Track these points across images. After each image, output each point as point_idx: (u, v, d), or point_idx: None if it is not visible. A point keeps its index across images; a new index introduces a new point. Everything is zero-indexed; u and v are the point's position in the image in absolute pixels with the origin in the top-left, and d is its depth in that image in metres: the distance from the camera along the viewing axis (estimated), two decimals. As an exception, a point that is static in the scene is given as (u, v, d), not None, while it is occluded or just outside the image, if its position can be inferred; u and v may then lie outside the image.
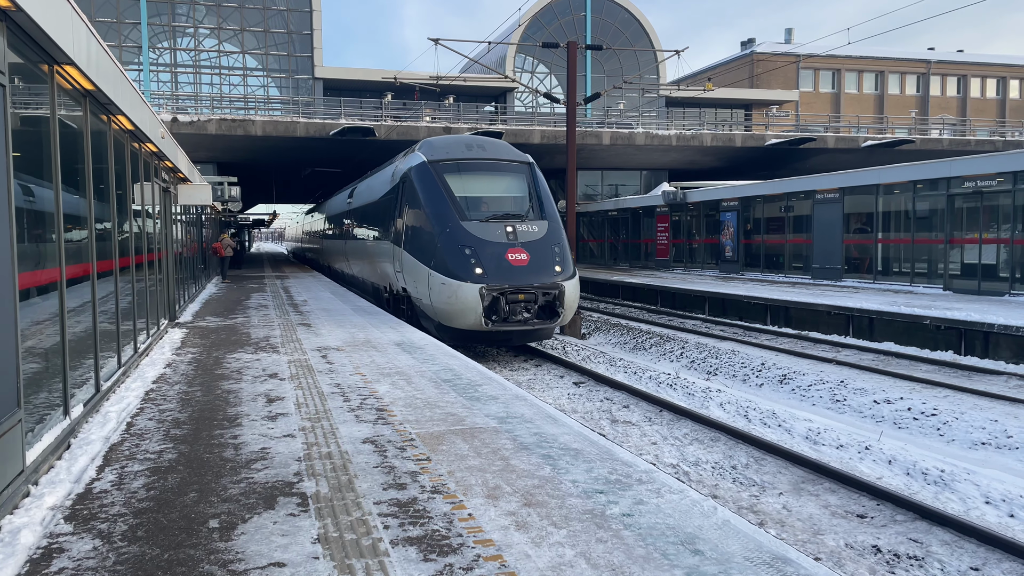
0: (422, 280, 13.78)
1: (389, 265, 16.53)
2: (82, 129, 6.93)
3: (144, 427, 6.47)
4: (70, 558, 3.84)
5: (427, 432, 6.17)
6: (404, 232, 14.93)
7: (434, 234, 13.65)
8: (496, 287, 12.80)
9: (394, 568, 3.68)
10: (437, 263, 13.30)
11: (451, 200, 13.97)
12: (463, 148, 15.18)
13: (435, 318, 13.65)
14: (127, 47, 43.19)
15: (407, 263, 14.68)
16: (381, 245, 17.58)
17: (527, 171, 15.19)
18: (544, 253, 13.44)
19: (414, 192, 14.67)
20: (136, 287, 9.95)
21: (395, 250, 15.70)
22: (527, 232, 13.68)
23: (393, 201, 16.38)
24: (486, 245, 13.20)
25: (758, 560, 3.74)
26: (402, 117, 36.92)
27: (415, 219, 14.46)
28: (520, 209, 14.42)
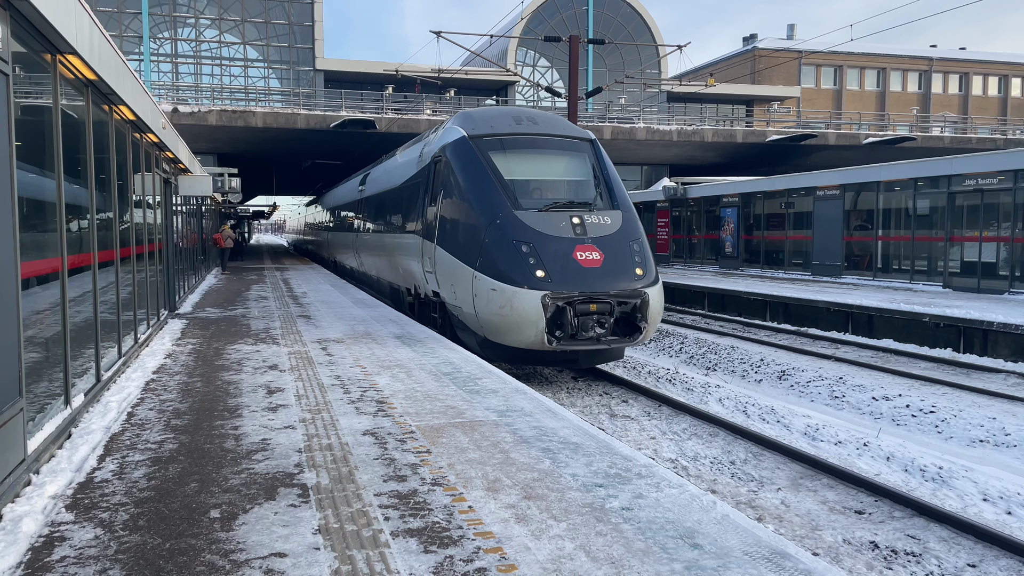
0: (463, 284, 10.98)
1: (415, 263, 13.74)
2: (84, 119, 6.93)
3: (145, 417, 6.48)
4: (72, 547, 3.86)
5: (427, 425, 6.19)
6: (437, 224, 12.16)
7: (479, 226, 10.89)
8: (562, 295, 10.06)
9: (395, 559, 3.70)
10: (484, 263, 10.59)
11: (500, 184, 11.18)
12: (510, 121, 12.38)
13: (480, 332, 11.00)
14: (128, 37, 43.10)
15: (442, 262, 11.89)
16: (404, 240, 14.74)
17: (589, 149, 12.46)
18: (620, 251, 10.70)
19: (451, 174, 11.94)
20: (136, 277, 9.95)
21: (425, 245, 12.88)
22: (597, 225, 10.93)
23: (422, 186, 13.66)
24: (548, 241, 10.49)
25: (757, 555, 3.76)
26: (403, 110, 36.88)
27: (453, 208, 11.76)
28: (585, 196, 11.67)
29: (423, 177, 13.57)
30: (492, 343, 10.85)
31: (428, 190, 13.06)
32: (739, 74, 54.80)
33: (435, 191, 12.63)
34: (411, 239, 14.06)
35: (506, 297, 10.13)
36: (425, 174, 13.45)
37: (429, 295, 13.20)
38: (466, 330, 11.55)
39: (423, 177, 13.57)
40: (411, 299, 15.06)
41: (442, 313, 12.61)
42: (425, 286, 13.29)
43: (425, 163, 13.56)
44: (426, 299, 13.64)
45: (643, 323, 10.48)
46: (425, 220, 12.99)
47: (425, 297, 13.62)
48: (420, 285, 13.77)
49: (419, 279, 13.71)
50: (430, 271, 12.60)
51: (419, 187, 13.84)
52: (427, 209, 12.95)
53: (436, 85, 36.17)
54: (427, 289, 13.20)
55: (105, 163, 7.95)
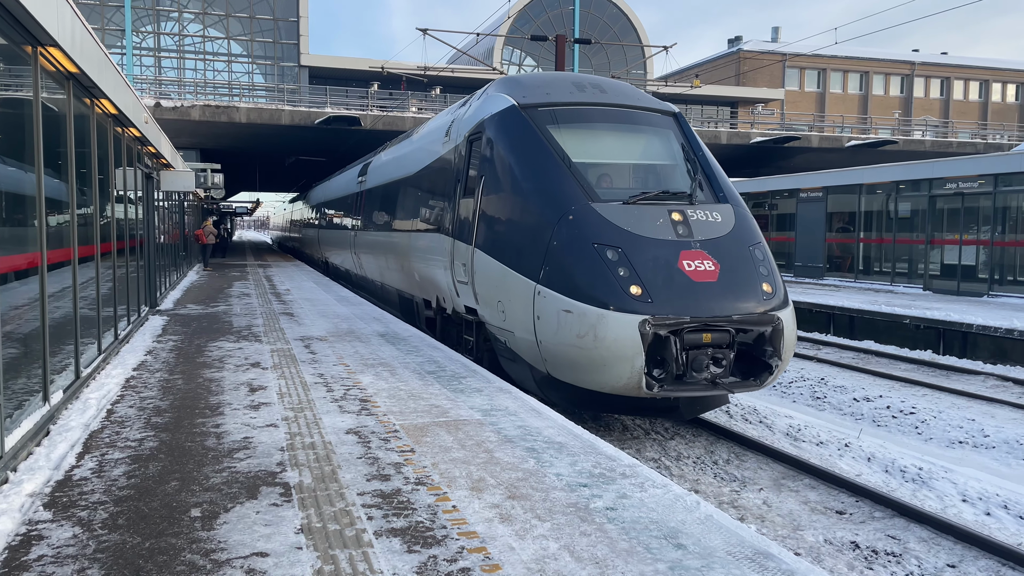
0: (517, 301, 8.24)
1: (440, 270, 10.94)
2: (65, 112, 6.84)
3: (125, 414, 6.41)
4: (49, 545, 3.81)
5: (411, 423, 6.16)
6: (477, 220, 9.36)
7: (543, 224, 8.14)
8: (668, 320, 7.28)
9: (378, 559, 3.67)
10: (552, 274, 7.81)
11: (568, 168, 8.47)
12: (570, 87, 9.72)
13: (540, 367, 8.18)
14: (110, 30, 42.67)
15: (484, 271, 9.05)
16: (424, 240, 11.93)
17: (674, 125, 9.68)
18: (741, 260, 7.96)
19: (497, 155, 9.20)
20: (117, 273, 9.85)
21: (456, 248, 10.03)
22: (705, 223, 8.21)
23: (450, 172, 10.92)
24: (643, 245, 7.75)
25: (740, 555, 3.77)
26: (388, 107, 36.76)
27: (500, 199, 9.00)
28: (680, 185, 8.89)
29: (452, 161, 10.91)
30: (559, 383, 8.08)
31: (460, 177, 10.33)
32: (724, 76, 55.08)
33: (471, 178, 9.92)
34: (434, 240, 11.25)
35: (587, 322, 7.34)
36: (455, 157, 10.79)
37: (459, 311, 10.32)
38: (518, 362, 8.71)
39: (452, 161, 10.91)
40: (431, 313, 12.19)
41: (478, 335, 9.92)
42: (454, 299, 10.45)
43: (455, 143, 10.89)
44: (455, 316, 10.75)
45: (775, 359, 7.70)
46: (456, 215, 10.23)
47: (454, 313, 10.73)
48: (446, 298, 10.92)
49: (445, 290, 10.88)
50: (464, 281, 9.75)
51: (446, 173, 11.13)
52: (459, 202, 10.22)
53: (422, 83, 36.09)
54: (457, 303, 10.35)
55: (86, 157, 7.86)
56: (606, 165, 9.03)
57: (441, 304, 11.41)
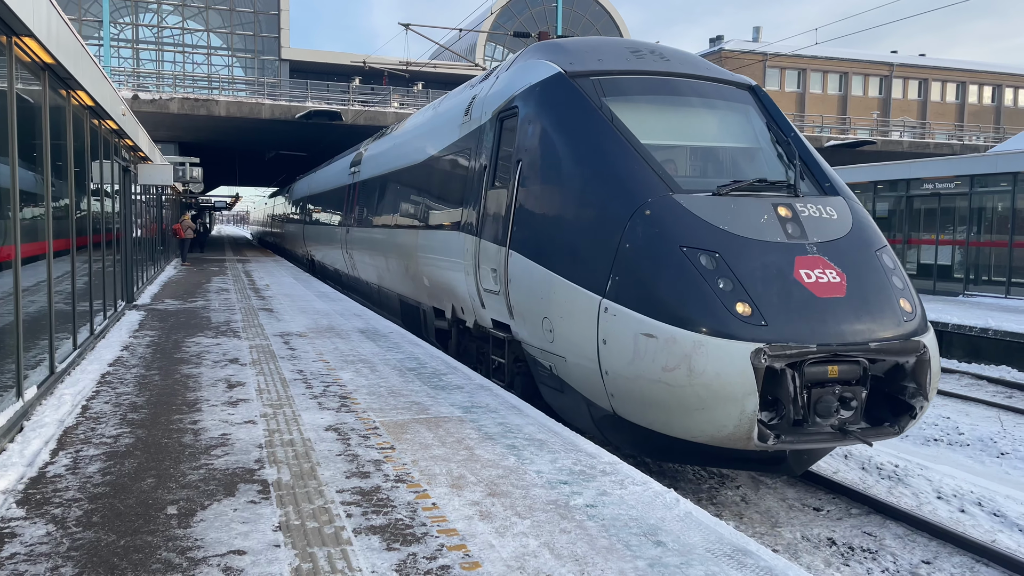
0: (575, 319, 6.56)
1: (458, 274, 9.33)
2: (40, 104, 6.74)
3: (100, 410, 6.33)
4: (22, 543, 3.75)
5: (391, 421, 6.14)
6: (513, 216, 7.70)
7: (610, 221, 6.50)
8: (791, 349, 5.64)
9: (356, 557, 3.65)
10: (625, 285, 6.15)
11: (638, 151, 6.82)
12: (626, 54, 8.09)
13: (605, 403, 6.44)
14: (87, 21, 42.13)
15: (523, 279, 7.40)
16: (437, 239, 10.31)
17: (752, 101, 8.07)
18: (868, 269, 6.24)
19: (540, 134, 7.58)
20: (93, 267, 9.73)
21: (483, 249, 8.43)
22: (818, 220, 6.52)
23: (471, 157, 9.32)
24: (748, 249, 6.08)
25: (719, 552, 3.79)
26: (370, 102, 36.58)
27: (544, 189, 7.36)
28: (775, 172, 7.22)
29: (474, 145, 9.25)
30: (629, 425, 6.39)
31: (487, 163, 8.67)
32: (705, 75, 55.25)
33: (502, 164, 8.33)
34: (451, 239, 9.58)
35: (678, 351, 5.66)
36: (478, 140, 9.14)
37: (484, 325, 8.76)
38: (568, 394, 7.05)
39: (474, 145, 9.25)
40: (443, 324, 10.56)
41: (511, 355, 8.23)
42: (477, 311, 8.83)
43: (478, 123, 9.25)
44: (476, 331, 9.19)
45: (918, 399, 6.00)
46: (482, 210, 8.60)
47: (476, 328, 9.13)
48: (466, 308, 9.31)
49: (464, 299, 9.26)
50: (493, 290, 8.11)
51: (465, 160, 9.53)
52: (486, 194, 8.57)
53: (404, 78, 35.95)
54: (481, 316, 8.75)
55: (62, 149, 7.75)
56: (682, 148, 7.44)
57: (458, 315, 9.75)
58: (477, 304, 8.79)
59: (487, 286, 8.31)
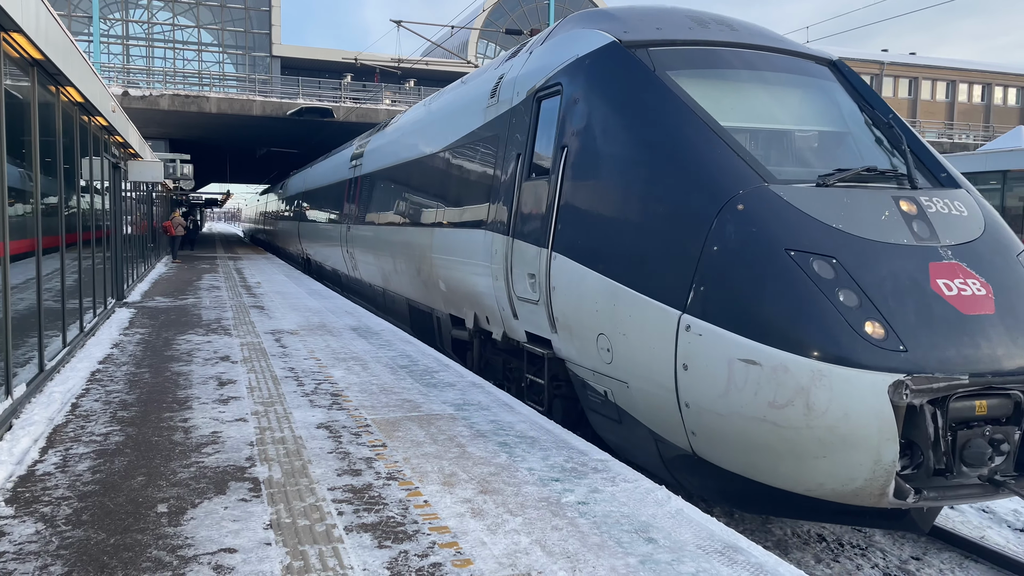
0: (644, 336, 5.49)
1: (484, 278, 8.19)
2: (29, 100, 6.69)
3: (90, 408, 6.31)
4: (11, 542, 3.73)
5: (383, 418, 6.13)
6: (552, 210, 6.66)
7: (688, 217, 5.42)
8: (940, 379, 4.51)
9: (348, 554, 3.65)
10: (715, 297, 5.04)
11: (718, 133, 5.71)
12: (688, 23, 6.97)
13: (682, 440, 5.37)
14: (77, 17, 41.89)
15: (571, 285, 6.31)
16: (455, 238, 9.20)
17: (836, 78, 6.99)
18: (1014, 278, 5.22)
19: (593, 113, 6.47)
20: (83, 264, 9.68)
21: (515, 250, 7.35)
22: (948, 218, 5.42)
23: (499, 145, 8.18)
24: (872, 253, 4.98)
25: (710, 548, 3.80)
26: (362, 99, 36.51)
27: (600, 179, 6.24)
28: (882, 159, 6.09)
29: (503, 131, 8.10)
30: (714, 470, 5.24)
31: (521, 151, 7.53)
32: (697, 72, 55.35)
33: (540, 152, 7.19)
34: (476, 239, 8.43)
35: (791, 382, 4.56)
36: (509, 125, 7.98)
37: (515, 338, 7.72)
38: (627, 425, 5.92)
39: (503, 131, 8.10)
40: (463, 335, 9.35)
41: (552, 375, 7.01)
42: (508, 322, 7.77)
43: (508, 105, 8.08)
44: (505, 343, 8.08)
45: None
46: (515, 206, 7.48)
47: (505, 340, 8.03)
48: (493, 318, 8.19)
49: (491, 307, 8.14)
50: (530, 299, 7.02)
51: (492, 149, 8.37)
52: (520, 187, 7.45)
53: (396, 75, 35.88)
54: (513, 328, 7.67)
55: (51, 146, 7.70)
56: (768, 131, 6.16)
57: (482, 325, 8.64)
58: (508, 314, 7.70)
59: (522, 294, 7.22)
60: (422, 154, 11.14)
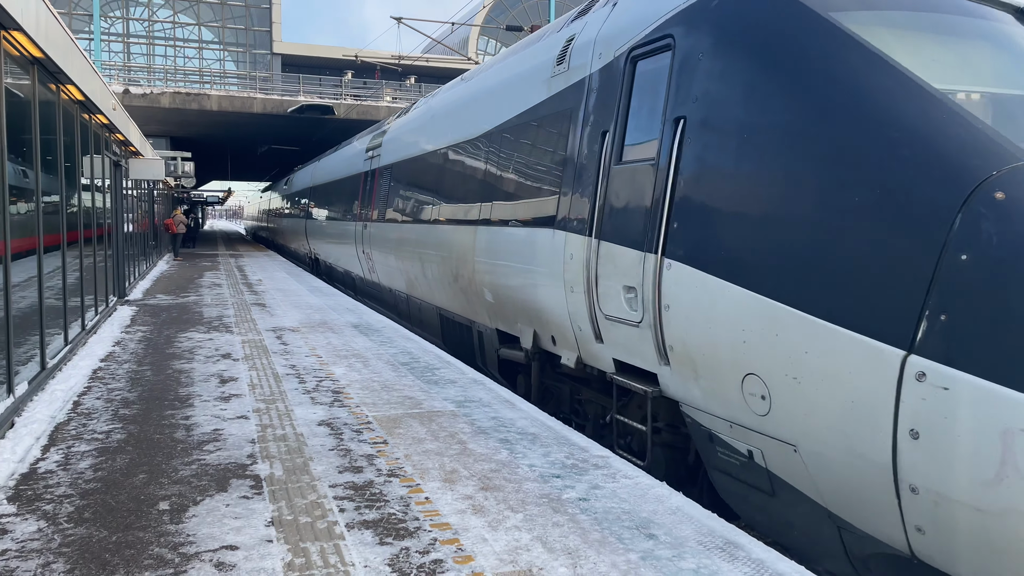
0: (840, 386, 3.83)
1: (553, 289, 6.83)
2: (30, 98, 6.70)
3: (92, 406, 6.32)
4: (13, 539, 3.74)
5: (384, 415, 6.14)
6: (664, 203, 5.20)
7: (905, 211, 3.72)
8: None
9: (349, 551, 3.66)
10: (971, 331, 3.32)
11: (937, 96, 3.99)
12: None
13: (904, 541, 3.68)
14: (77, 15, 41.88)
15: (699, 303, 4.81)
16: (510, 238, 7.76)
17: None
18: None
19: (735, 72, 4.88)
20: (84, 263, 9.69)
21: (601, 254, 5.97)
22: None
23: (572, 123, 6.75)
24: None
25: (711, 544, 3.80)
26: (362, 96, 36.50)
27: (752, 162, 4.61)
28: None
29: (578, 103, 6.65)
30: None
31: (613, 127, 6.00)
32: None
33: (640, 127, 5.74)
34: (539, 239, 7.07)
35: None
36: (584, 96, 6.56)
37: (596, 367, 6.43)
38: (791, 501, 4.50)
39: (578, 103, 6.65)
40: (516, 355, 7.95)
41: (652, 416, 5.57)
42: (585, 345, 6.42)
43: (586, 72, 6.61)
44: (582, 371, 6.71)
45: None
46: (598, 198, 6.03)
47: (581, 366, 6.65)
48: (563, 338, 6.83)
49: (561, 325, 6.76)
50: (626, 319, 5.61)
51: (562, 126, 6.89)
52: (606, 173, 5.97)
53: (396, 72, 35.86)
54: (593, 353, 6.33)
55: (52, 144, 7.71)
56: (998, 96, 4.50)
57: (544, 345, 7.33)
58: (587, 335, 6.30)
59: (611, 311, 5.78)
60: (461, 139, 9.68)
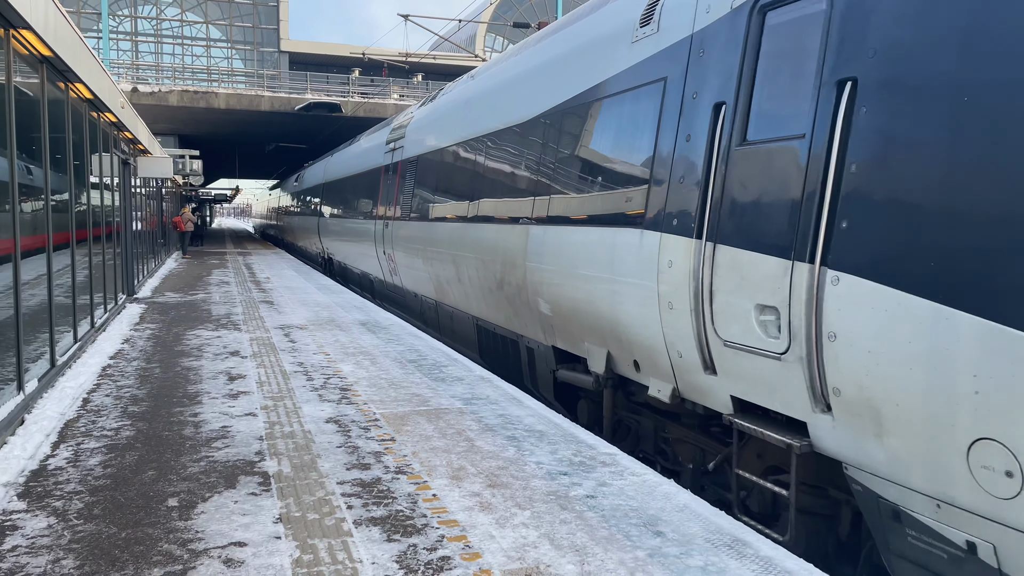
0: None
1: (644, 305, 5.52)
2: (39, 96, 6.72)
3: (101, 403, 6.35)
4: (23, 536, 3.76)
5: (391, 412, 6.15)
6: (822, 195, 3.97)
7: None
8: None
9: (357, 548, 3.66)
10: None
11: None
12: None
13: None
14: (86, 14, 42.02)
15: (882, 337, 3.58)
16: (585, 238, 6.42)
17: None
18: None
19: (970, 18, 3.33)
20: (93, 260, 9.74)
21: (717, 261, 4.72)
22: None
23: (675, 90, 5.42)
24: None
25: (719, 542, 3.80)
26: (370, 94, 36.52)
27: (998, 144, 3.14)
28: None
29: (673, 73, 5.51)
30: None
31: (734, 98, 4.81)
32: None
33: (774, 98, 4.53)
34: (622, 241, 5.81)
35: None
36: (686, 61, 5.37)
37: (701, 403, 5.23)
38: None
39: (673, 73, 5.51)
40: (584, 380, 6.69)
41: (814, 483, 4.48)
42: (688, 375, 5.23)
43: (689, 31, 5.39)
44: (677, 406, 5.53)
45: None
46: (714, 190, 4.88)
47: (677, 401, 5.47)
48: (654, 363, 5.61)
49: (653, 348, 5.55)
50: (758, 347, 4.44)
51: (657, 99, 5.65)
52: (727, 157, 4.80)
53: (403, 69, 35.87)
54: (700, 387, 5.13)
55: (61, 142, 7.74)
56: None
57: (621, 371, 6.12)
58: (691, 363, 5.03)
59: (734, 336, 4.60)
60: (508, 123, 8.33)
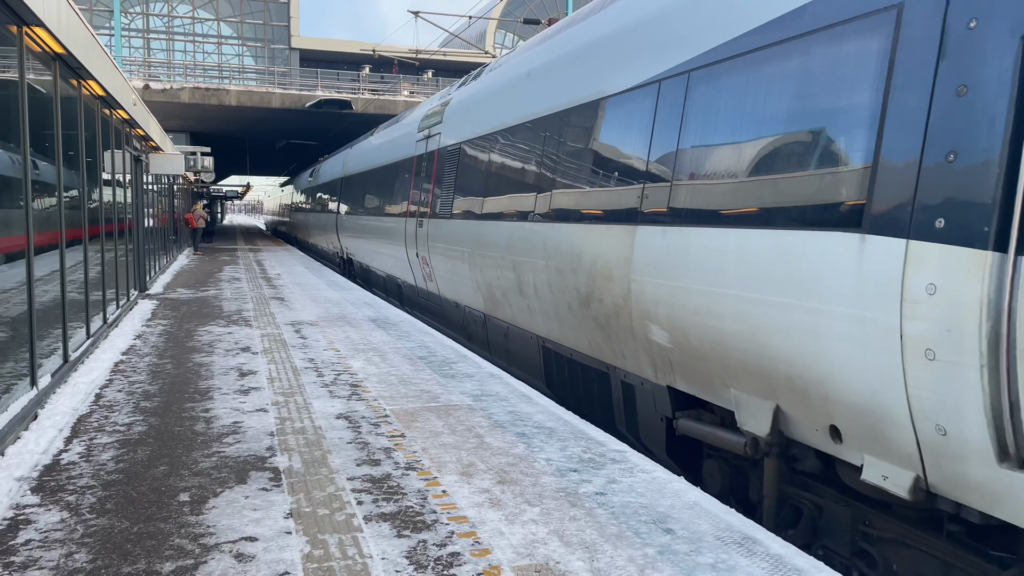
0: None
1: (861, 347, 3.68)
2: (51, 94, 6.76)
3: (113, 399, 6.39)
4: (37, 529, 3.79)
5: (401, 409, 6.16)
6: None
7: None
8: None
9: (367, 543, 3.68)
10: None
11: None
12: None
13: None
14: (98, 11, 42.22)
15: None
16: (755, 245, 4.42)
17: None
18: None
19: None
20: (105, 257, 9.79)
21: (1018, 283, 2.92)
22: None
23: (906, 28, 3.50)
24: None
25: (728, 539, 3.79)
26: (380, 91, 36.55)
27: None
28: None
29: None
30: None
31: None
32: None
33: None
34: (816, 247, 3.99)
35: None
36: None
37: (987, 512, 3.29)
38: None
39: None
40: (739, 444, 4.81)
41: None
42: (954, 461, 3.34)
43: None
44: (920, 501, 3.64)
45: None
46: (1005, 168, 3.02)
47: (923, 498, 3.62)
48: (884, 436, 3.70)
49: (895, 419, 3.58)
50: None
51: (864, 41, 3.81)
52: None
53: (414, 66, 35.87)
54: (988, 488, 3.21)
55: (73, 139, 7.78)
56: None
57: (799, 435, 4.47)
58: (968, 447, 3.31)
59: None
60: (601, 94, 6.54)
